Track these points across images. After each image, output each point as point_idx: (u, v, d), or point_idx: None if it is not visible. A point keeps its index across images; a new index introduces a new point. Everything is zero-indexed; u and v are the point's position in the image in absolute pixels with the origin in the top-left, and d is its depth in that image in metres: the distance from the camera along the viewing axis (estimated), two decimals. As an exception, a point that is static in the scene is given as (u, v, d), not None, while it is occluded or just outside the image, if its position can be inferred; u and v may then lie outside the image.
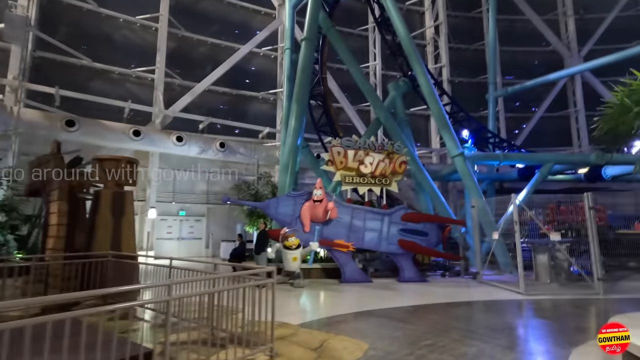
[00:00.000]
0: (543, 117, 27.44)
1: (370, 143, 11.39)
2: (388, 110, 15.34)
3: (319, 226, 10.17)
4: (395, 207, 11.41)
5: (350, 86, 21.97)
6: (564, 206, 13.11)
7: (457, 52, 29.14)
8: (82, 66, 18.29)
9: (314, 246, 9.83)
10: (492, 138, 17.69)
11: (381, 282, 10.77)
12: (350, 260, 10.78)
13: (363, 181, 11.34)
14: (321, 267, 11.54)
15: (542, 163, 15.14)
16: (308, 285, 10.25)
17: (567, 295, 8.68)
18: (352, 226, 10.82)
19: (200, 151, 17.68)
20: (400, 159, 11.41)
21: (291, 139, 12.98)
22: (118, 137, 15.57)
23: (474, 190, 12.82)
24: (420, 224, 11.06)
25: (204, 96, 21.97)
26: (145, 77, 19.99)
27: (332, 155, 11.15)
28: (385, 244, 10.85)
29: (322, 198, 10.28)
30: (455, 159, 13.43)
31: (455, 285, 10.54)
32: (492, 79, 22.13)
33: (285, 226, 10.60)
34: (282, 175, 12.99)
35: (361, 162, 11.16)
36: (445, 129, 13.53)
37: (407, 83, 16.55)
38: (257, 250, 9.86)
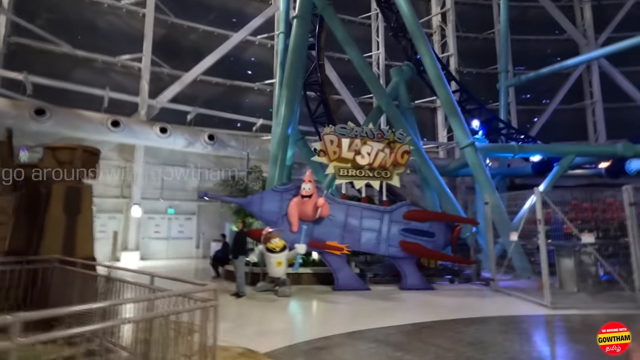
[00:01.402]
0: (557, 110, 25.80)
1: (369, 131, 9.98)
2: (390, 98, 13.88)
3: (306, 225, 8.80)
4: (397, 203, 9.98)
5: (352, 77, 20.56)
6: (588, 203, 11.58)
7: (466, 41, 27.51)
8: (63, 54, 17.09)
9: (300, 249, 8.47)
10: (505, 129, 16.14)
11: (380, 290, 9.38)
12: (345, 264, 9.40)
13: (360, 174, 9.94)
14: (312, 271, 10.17)
15: (562, 155, 13.59)
16: (295, 293, 8.90)
17: (603, 309, 7.20)
18: (346, 225, 9.44)
19: (187, 144, 16.40)
20: (402, 149, 9.98)
21: (280, 128, 11.63)
22: (95, 128, 14.33)
23: (486, 185, 11.35)
24: (426, 223, 9.63)
25: (196, 87, 20.71)
26: (132, 66, 18.76)
27: (324, 145, 9.76)
28: (385, 246, 9.45)
29: (311, 193, 8.91)
30: (465, 150, 11.96)
31: (466, 294, 9.11)
32: (503, 67, 20.53)
33: (270, 225, 9.27)
34: (271, 169, 11.64)
35: (357, 153, 9.76)
36: (454, 116, 12.05)
37: (412, 68, 15.06)
38: (234, 254, 8.52)
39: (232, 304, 7.90)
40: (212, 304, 3.24)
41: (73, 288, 5.93)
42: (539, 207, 7.43)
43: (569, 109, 26.26)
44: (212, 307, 3.25)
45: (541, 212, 7.42)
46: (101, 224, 17.21)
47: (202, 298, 3.39)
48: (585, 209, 11.73)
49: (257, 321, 6.46)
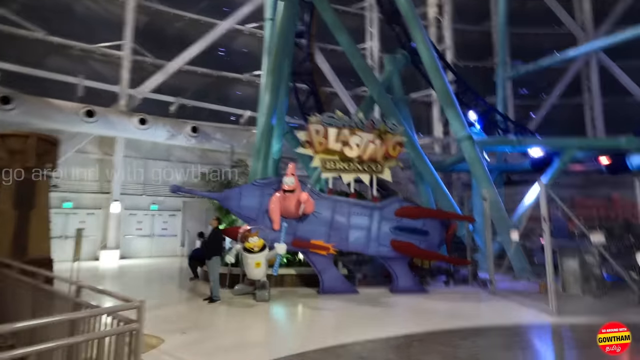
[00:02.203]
0: (554, 105, 25.17)
1: (358, 120, 9.18)
2: (383, 88, 13.08)
3: (286, 223, 7.99)
4: (388, 199, 9.21)
5: (345, 69, 19.73)
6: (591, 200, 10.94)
7: (462, 33, 26.80)
8: (37, 40, 16.08)
9: (279, 249, 7.67)
10: (503, 122, 15.41)
11: (369, 293, 8.63)
12: (331, 265, 8.63)
13: (348, 167, 9.15)
14: (296, 273, 9.40)
15: (563, 149, 12.89)
16: (277, 297, 8.13)
17: (613, 316, 6.48)
18: (333, 223, 8.66)
19: (168, 136, 15.51)
20: (394, 140, 9.19)
21: (265, 117, 10.81)
22: (68, 118, 13.39)
23: (484, 180, 10.63)
24: (419, 221, 8.87)
25: (182, 78, 19.77)
26: (113, 54, 17.77)
27: (309, 135, 8.96)
28: (375, 245, 8.69)
29: (294, 187, 8.10)
30: (462, 143, 11.22)
31: (462, 297, 8.39)
32: (502, 58, 19.79)
33: (250, 223, 8.47)
34: (254, 162, 10.84)
35: (345, 144, 8.96)
36: (450, 107, 11.29)
37: (406, 57, 14.24)
38: (208, 254, 7.71)
39: (205, 310, 7.11)
40: (130, 328, 2.44)
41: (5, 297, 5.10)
42: (544, 203, 6.70)
43: (566, 104, 25.69)
44: (132, 332, 2.44)
45: (546, 207, 6.69)
46: (80, 221, 16.36)
47: (126, 318, 2.59)
48: (588, 206, 11.04)
49: (226, 332, 5.69)
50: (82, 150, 16.14)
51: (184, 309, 7.24)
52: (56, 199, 15.78)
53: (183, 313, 6.85)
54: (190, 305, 7.51)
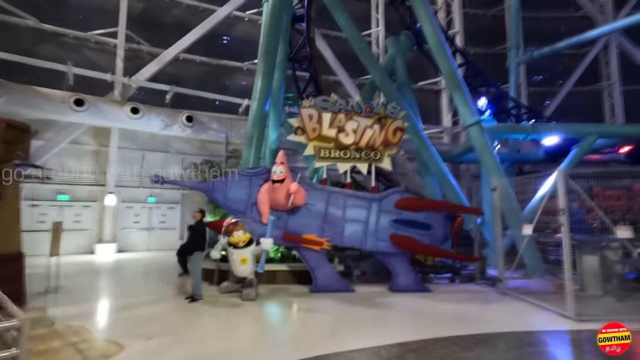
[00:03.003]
0: (570, 92, 23.93)
1: (355, 104, 8.41)
2: (385, 72, 12.23)
3: (273, 216, 7.32)
4: (388, 190, 8.47)
5: (350, 57, 18.88)
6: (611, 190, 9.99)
7: (473, 18, 25.55)
8: (29, 28, 15.60)
9: (265, 244, 7.03)
10: (516, 108, 14.42)
11: (367, 292, 7.96)
12: (325, 261, 7.96)
13: (344, 155, 8.42)
14: (289, 269, 8.77)
15: (582, 136, 11.91)
16: (266, 295, 7.52)
17: None
18: (327, 216, 7.97)
19: (163, 126, 14.93)
20: (394, 125, 8.41)
21: (257, 103, 10.11)
22: (57, 107, 12.89)
23: (493, 169, 9.79)
24: (421, 213, 8.12)
25: (179, 66, 19.17)
26: (107, 42, 17.22)
27: (301, 121, 8.24)
28: (373, 239, 7.98)
29: (283, 177, 7.43)
30: (470, 130, 10.36)
31: (468, 297, 7.65)
32: (514, 42, 18.62)
33: (237, 216, 7.84)
34: (246, 151, 10.18)
35: (341, 130, 8.22)
36: (457, 90, 10.41)
37: (411, 38, 13.33)
38: (189, 249, 7.11)
39: (184, 310, 6.53)
40: (8, 356, 1.79)
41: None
42: (562, 193, 5.88)
43: (583, 91, 24.48)
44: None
45: (564, 197, 5.88)
46: (75, 214, 16.04)
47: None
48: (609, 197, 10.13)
49: (200, 337, 5.07)
50: (77, 141, 15.72)
51: (161, 309, 6.67)
52: (50, 192, 15.49)
53: (158, 314, 6.27)
54: (170, 304, 6.94)
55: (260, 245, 7.05)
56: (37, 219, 15.11)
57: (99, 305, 7.18)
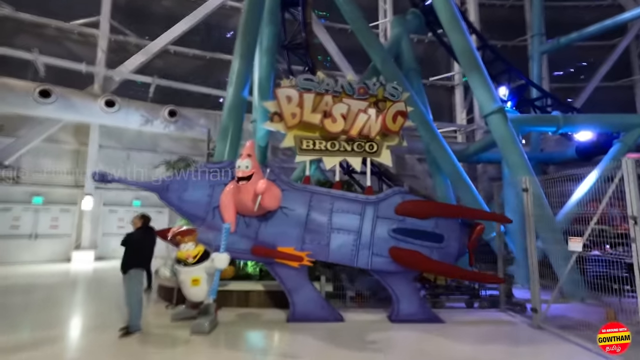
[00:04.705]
0: (598, 88, 21.86)
1: (346, 84, 6.72)
2: (390, 55, 10.51)
3: (227, 224, 5.65)
4: (386, 191, 6.70)
5: (355, 51, 17.31)
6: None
7: (490, 9, 23.78)
8: (5, 17, 14.50)
9: (218, 261, 5.37)
10: (542, 98, 12.47)
11: (360, 322, 6.22)
12: (305, 282, 6.25)
13: (332, 147, 6.72)
14: (265, 288, 7.09)
15: (625, 130, 9.93)
16: (229, 324, 5.86)
17: None
18: (309, 223, 6.26)
19: (143, 122, 13.53)
20: (395, 108, 6.66)
21: (233, 88, 8.55)
22: (21, 99, 11.60)
23: (520, 166, 7.98)
24: (430, 221, 6.32)
25: (169, 60, 17.90)
26: (91, 34, 16.02)
27: (278, 104, 6.59)
28: (367, 254, 6.22)
29: (250, 173, 5.77)
30: (490, 119, 8.53)
31: (492, 332, 5.82)
32: (537, 29, 16.70)
33: (196, 223, 6.25)
34: (220, 143, 8.60)
35: (327, 115, 6.53)
36: (475, 72, 8.62)
37: (419, 17, 11.56)
38: (122, 266, 5.50)
39: (109, 348, 4.91)
40: None
41: None
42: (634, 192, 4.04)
43: (613, 86, 22.36)
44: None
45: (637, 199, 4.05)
46: (52, 217, 14.76)
47: None
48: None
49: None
50: (54, 139, 14.47)
51: (83, 344, 5.09)
52: (25, 194, 14.24)
53: (70, 354, 4.67)
54: (98, 338, 5.34)
55: (211, 263, 5.38)
56: (10, 223, 13.91)
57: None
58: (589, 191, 8.40)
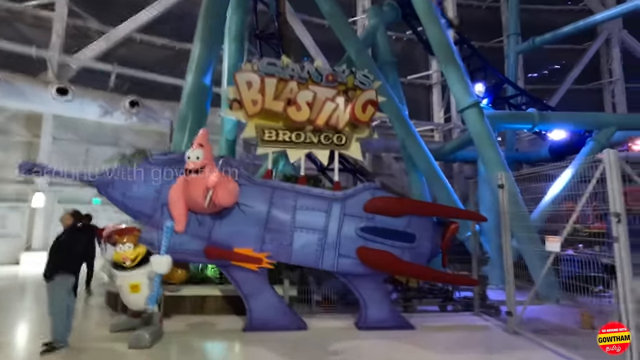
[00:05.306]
0: (570, 90, 22.45)
1: (313, 70, 6.17)
2: (364, 46, 10.05)
3: (169, 223, 4.99)
4: (356, 187, 6.19)
5: (334, 46, 16.85)
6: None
7: (468, 10, 23.92)
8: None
9: (157, 265, 4.70)
10: (518, 96, 12.36)
11: (325, 329, 5.69)
12: (265, 287, 5.64)
13: (297, 139, 6.15)
14: (223, 293, 6.45)
15: (599, 128, 9.87)
16: (177, 335, 5.19)
17: None
18: (269, 221, 5.67)
19: (102, 112, 12.54)
20: (365, 97, 6.16)
21: (193, 75, 7.87)
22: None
23: (495, 162, 7.68)
24: (402, 219, 5.84)
25: (135, 49, 16.81)
26: (47, 17, 14.80)
27: (238, 90, 5.97)
28: (333, 255, 5.68)
29: (202, 165, 5.11)
30: (466, 114, 8.20)
31: (466, 338, 5.43)
32: (513, 29, 16.74)
33: (142, 221, 5.56)
34: (177, 135, 7.89)
35: (292, 102, 5.96)
36: (451, 65, 8.27)
37: (395, 8, 11.17)
38: (45, 272, 4.71)
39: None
40: None
41: None
42: (616, 187, 3.69)
43: (584, 89, 23.03)
44: None
45: (619, 197, 3.70)
46: (0, 216, 13.52)
47: None
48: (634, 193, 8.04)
49: None
50: (2, 129, 13.24)
51: None
52: (-34, 190, 12.99)
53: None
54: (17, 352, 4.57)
55: (152, 266, 4.70)
56: (-51, 222, 12.64)
57: None
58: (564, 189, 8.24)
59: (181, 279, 5.93)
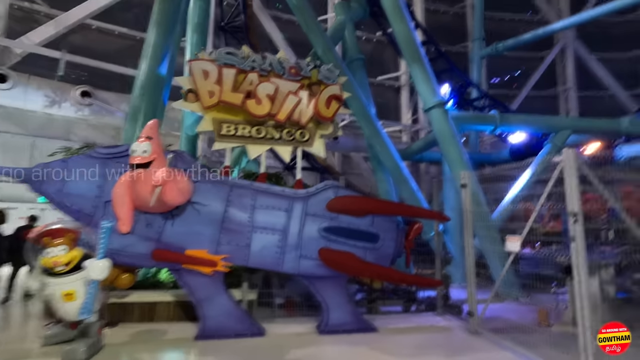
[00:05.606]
0: (528, 96, 23.67)
1: (275, 61, 5.85)
2: (332, 42, 9.85)
3: (107, 222, 4.53)
4: (317, 185, 5.95)
5: (305, 44, 16.57)
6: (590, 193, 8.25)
7: (435, 15, 24.52)
8: None
9: (93, 270, 4.23)
10: (481, 99, 12.67)
11: (283, 334, 5.40)
12: (220, 291, 5.26)
13: (257, 134, 5.81)
14: (176, 299, 5.99)
15: (555, 131, 10.28)
16: (119, 346, 4.70)
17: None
18: (226, 221, 5.30)
19: (48, 103, 11.53)
20: (329, 92, 5.93)
21: (147, 63, 7.29)
22: None
23: (458, 161, 7.72)
24: (366, 219, 5.67)
25: (91, 37, 15.79)
26: (-12, -3, 13.45)
27: (193, 80, 5.54)
28: (294, 257, 5.40)
29: (150, 159, 4.66)
30: (432, 113, 8.21)
31: (428, 341, 5.33)
32: (477, 34, 17.23)
33: (81, 220, 5.01)
34: (129, 125, 7.30)
35: (251, 95, 5.62)
36: (417, 63, 8.24)
37: (363, 5, 11.06)
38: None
39: None
40: None
41: None
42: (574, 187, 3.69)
43: (541, 95, 24.39)
44: None
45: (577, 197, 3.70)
46: None
47: None
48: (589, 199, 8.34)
49: None
50: None
51: None
52: None
53: None
54: None
55: (86, 271, 4.21)
56: None
57: None
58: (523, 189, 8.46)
59: (127, 284, 5.42)
